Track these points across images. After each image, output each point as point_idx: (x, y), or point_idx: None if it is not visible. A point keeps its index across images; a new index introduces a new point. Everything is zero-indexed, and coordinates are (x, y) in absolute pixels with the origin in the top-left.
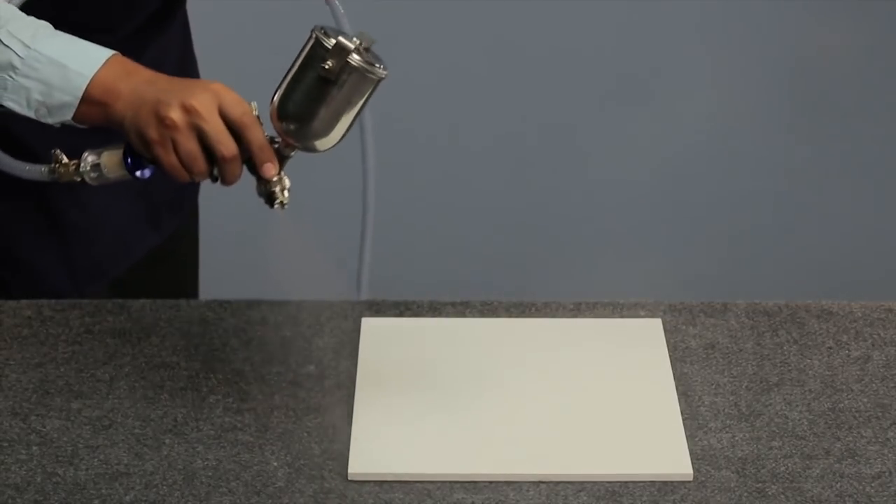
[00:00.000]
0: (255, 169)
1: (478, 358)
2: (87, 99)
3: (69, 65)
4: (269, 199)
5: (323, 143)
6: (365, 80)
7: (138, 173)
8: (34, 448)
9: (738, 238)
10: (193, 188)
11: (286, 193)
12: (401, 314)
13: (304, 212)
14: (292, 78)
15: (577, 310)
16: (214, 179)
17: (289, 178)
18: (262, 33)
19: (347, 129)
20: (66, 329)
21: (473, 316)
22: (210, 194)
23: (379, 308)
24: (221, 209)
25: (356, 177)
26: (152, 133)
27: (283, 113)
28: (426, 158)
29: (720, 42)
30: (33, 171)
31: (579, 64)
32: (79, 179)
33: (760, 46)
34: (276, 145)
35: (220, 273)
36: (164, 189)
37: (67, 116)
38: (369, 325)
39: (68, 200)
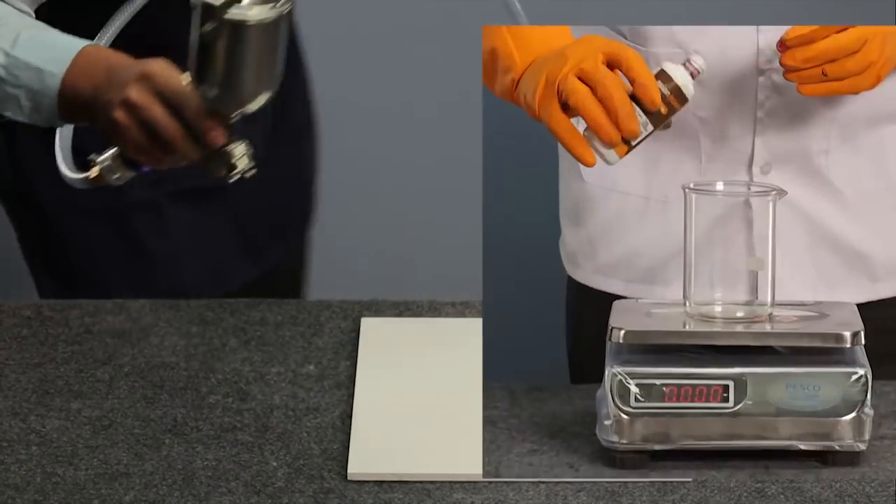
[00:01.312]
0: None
1: (477, 358)
2: (62, 101)
3: (43, 67)
4: (229, 170)
5: (252, 100)
6: (249, 29)
7: (142, 167)
8: (34, 448)
9: None
10: (303, 219)
11: (245, 159)
12: (401, 314)
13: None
14: (196, 50)
15: None
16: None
17: (244, 143)
18: None
19: (273, 79)
20: (65, 329)
21: (473, 316)
22: None
23: (379, 308)
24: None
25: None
26: (111, 134)
27: (200, 83)
28: (425, 158)
29: None
30: (75, 179)
31: None
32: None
33: None
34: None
35: None
36: (261, 218)
37: (56, 118)
38: (369, 325)
39: (150, 227)
